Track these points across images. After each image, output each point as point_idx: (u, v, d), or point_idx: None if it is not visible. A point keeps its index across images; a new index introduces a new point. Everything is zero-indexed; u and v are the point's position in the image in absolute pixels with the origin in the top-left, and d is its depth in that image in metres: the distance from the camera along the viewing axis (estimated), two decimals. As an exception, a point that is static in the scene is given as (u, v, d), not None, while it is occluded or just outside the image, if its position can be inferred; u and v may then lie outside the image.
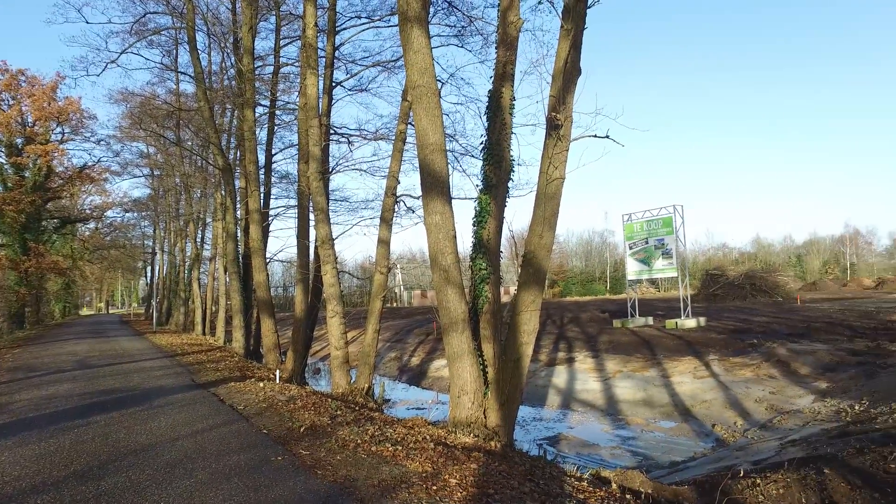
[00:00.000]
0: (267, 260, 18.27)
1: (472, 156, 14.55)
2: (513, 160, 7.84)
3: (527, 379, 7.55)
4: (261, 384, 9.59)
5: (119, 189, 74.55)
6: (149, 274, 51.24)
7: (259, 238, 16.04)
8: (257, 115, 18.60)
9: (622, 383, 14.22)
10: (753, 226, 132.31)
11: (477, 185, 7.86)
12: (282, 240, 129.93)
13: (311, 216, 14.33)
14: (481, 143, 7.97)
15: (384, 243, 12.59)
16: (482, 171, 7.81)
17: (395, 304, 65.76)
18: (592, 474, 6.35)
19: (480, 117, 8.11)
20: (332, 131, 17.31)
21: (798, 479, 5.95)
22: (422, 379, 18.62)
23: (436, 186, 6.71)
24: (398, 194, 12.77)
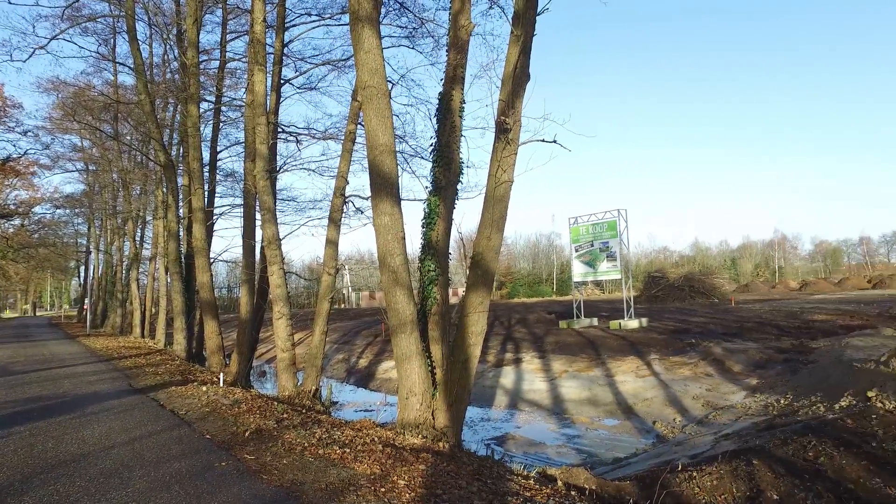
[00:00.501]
0: (211, 260, 17.68)
1: (422, 157, 14.59)
2: (462, 163, 7.91)
3: (475, 380, 7.63)
4: (204, 388, 9.29)
5: (49, 184, 70.13)
6: (82, 274, 48.60)
7: (203, 237, 15.52)
8: (202, 111, 17.98)
9: (568, 383, 14.56)
10: (693, 230, 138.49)
11: (426, 187, 7.90)
12: (227, 239, 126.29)
13: (258, 216, 13.98)
14: (431, 145, 8.01)
15: (332, 244, 12.44)
16: (432, 173, 7.84)
17: (343, 306, 65.00)
18: (539, 472, 6.48)
19: (430, 119, 8.16)
20: (280, 129, 16.94)
21: (730, 471, 6.28)
22: (370, 381, 18.48)
23: (385, 187, 6.69)
24: (347, 195, 12.65)
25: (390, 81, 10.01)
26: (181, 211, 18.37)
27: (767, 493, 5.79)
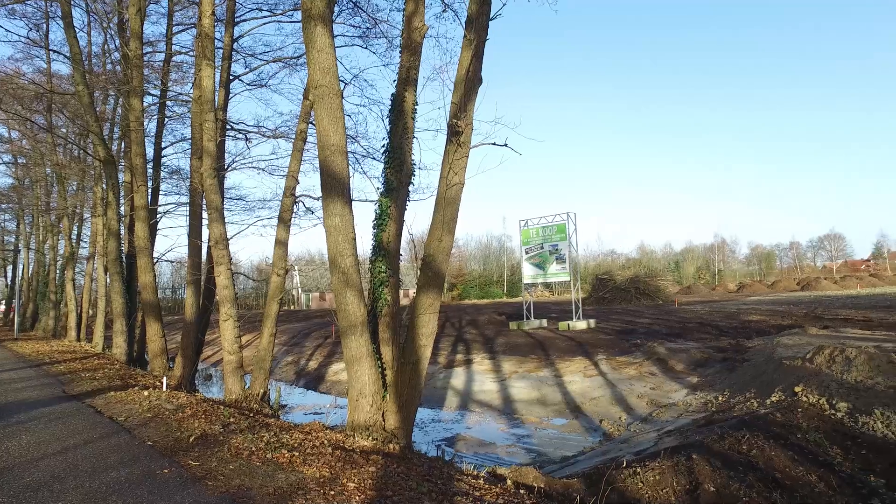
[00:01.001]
0: (154, 260, 17.02)
1: (374, 158, 14.53)
2: (414, 164, 7.93)
3: (426, 381, 7.67)
4: (145, 392, 8.94)
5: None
6: (9, 274, 45.69)
7: (145, 236, 14.91)
8: (146, 105, 17.28)
9: (518, 383, 14.78)
10: (639, 234, 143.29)
11: (378, 188, 7.87)
12: (171, 239, 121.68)
13: (205, 214, 13.57)
14: (383, 146, 7.99)
15: (282, 244, 12.22)
16: (383, 174, 7.82)
17: (293, 307, 63.77)
18: (489, 472, 6.57)
19: (383, 120, 8.14)
20: (229, 127, 16.51)
21: (671, 466, 6.54)
22: (320, 383, 18.22)
23: (336, 188, 6.64)
24: (297, 195, 12.45)
25: (343, 81, 9.94)
26: (122, 208, 17.59)
27: (705, 486, 6.06)
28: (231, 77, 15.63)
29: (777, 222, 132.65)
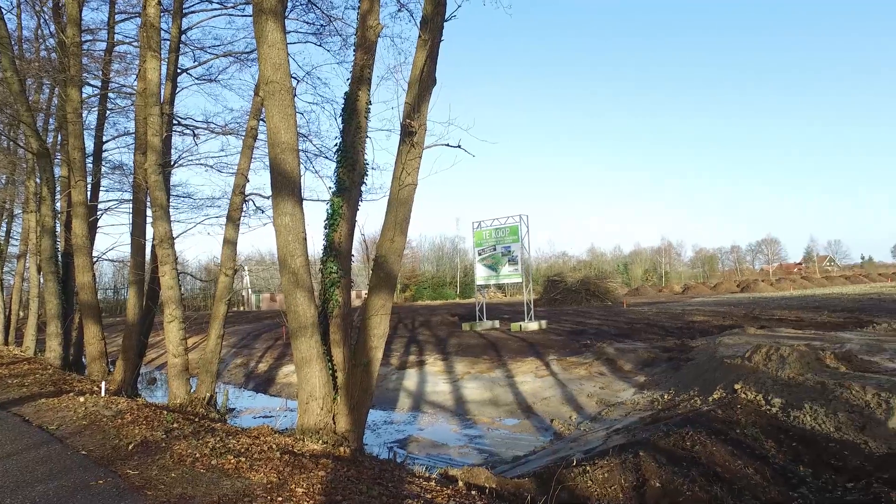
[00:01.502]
0: (94, 259, 16.21)
1: (327, 157, 14.34)
2: (367, 164, 7.86)
3: (378, 382, 7.60)
4: (81, 399, 8.47)
5: None
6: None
7: (84, 234, 14.18)
8: (85, 96, 16.45)
9: (470, 384, 14.85)
10: (589, 236, 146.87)
11: (330, 188, 7.75)
12: (113, 237, 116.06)
13: (149, 212, 13.04)
14: (336, 145, 7.88)
15: (230, 244, 11.89)
16: (336, 174, 7.71)
17: (244, 308, 62.18)
18: (441, 474, 6.55)
19: (336, 119, 8.04)
20: (176, 121, 15.93)
21: (619, 464, 6.69)
22: (270, 386, 17.80)
23: (286, 186, 6.49)
24: (247, 193, 12.15)
25: (295, 78, 9.76)
26: (59, 204, 16.67)
27: (651, 482, 6.23)
28: (179, 70, 15.08)
29: (720, 227, 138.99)
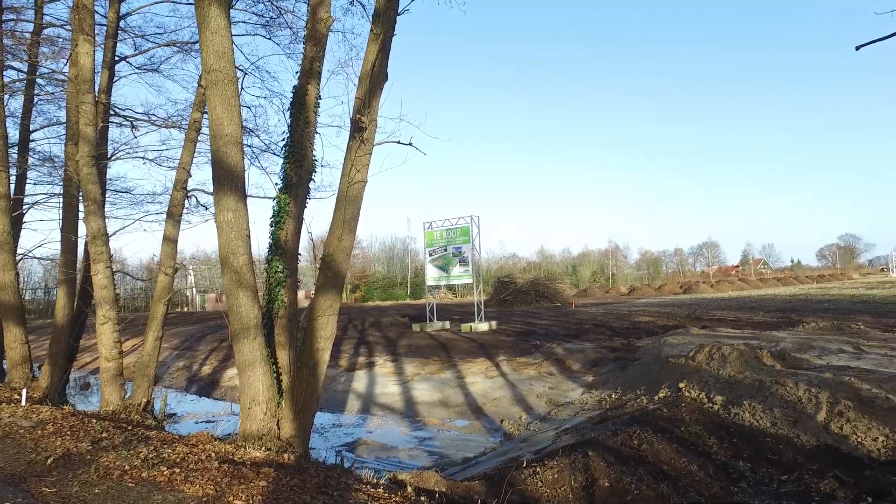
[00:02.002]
0: (18, 257, 15.14)
1: (274, 153, 13.90)
2: (316, 160, 7.62)
3: (326, 385, 7.37)
4: (-3, 408, 7.86)
5: None
6: None
7: (6, 230, 13.22)
8: (8, 81, 15.35)
9: (420, 385, 14.72)
10: (539, 238, 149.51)
11: (276, 184, 7.47)
12: (42, 233, 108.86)
13: (82, 207, 12.29)
14: (283, 141, 7.60)
15: (171, 241, 11.33)
16: (283, 170, 7.44)
17: (188, 309, 59.91)
18: (389, 479, 6.39)
19: (284, 113, 7.77)
20: (114, 112, 15.07)
21: (569, 464, 6.70)
22: (214, 389, 17.13)
23: (230, 181, 6.20)
24: (189, 188, 11.61)
25: (242, 69, 9.39)
26: (-23, 197, 15.50)
27: (600, 482, 6.27)
28: (117, 58, 14.29)
29: (664, 230, 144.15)
